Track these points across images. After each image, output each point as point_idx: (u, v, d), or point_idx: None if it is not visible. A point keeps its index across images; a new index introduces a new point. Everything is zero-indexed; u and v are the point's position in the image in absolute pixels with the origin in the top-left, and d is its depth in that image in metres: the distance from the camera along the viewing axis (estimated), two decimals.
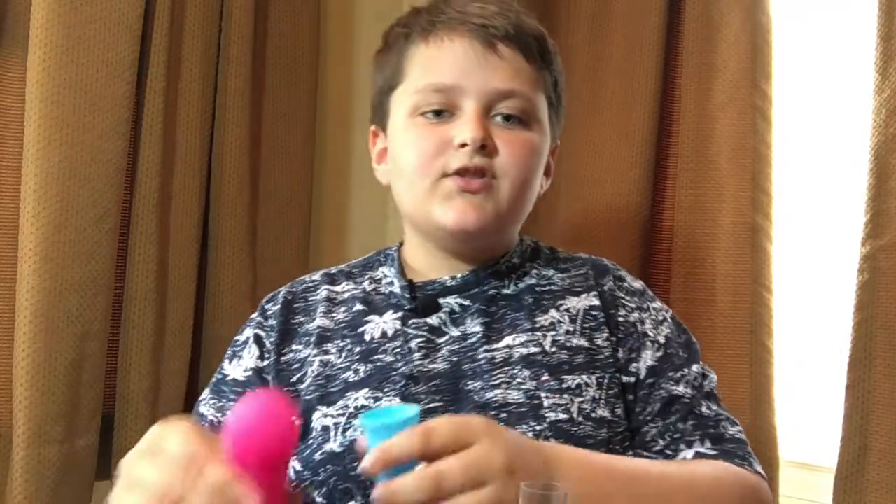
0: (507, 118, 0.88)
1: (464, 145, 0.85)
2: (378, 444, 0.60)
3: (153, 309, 1.38)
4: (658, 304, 0.95)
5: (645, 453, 0.86)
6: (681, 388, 0.87)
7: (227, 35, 1.48)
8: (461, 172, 0.85)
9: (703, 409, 0.88)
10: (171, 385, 1.42)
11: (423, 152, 0.87)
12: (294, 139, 1.61)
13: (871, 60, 1.14)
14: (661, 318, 0.93)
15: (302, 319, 0.94)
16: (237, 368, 0.93)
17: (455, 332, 0.88)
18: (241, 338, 0.95)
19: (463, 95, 0.87)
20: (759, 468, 0.87)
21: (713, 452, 0.85)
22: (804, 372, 1.34)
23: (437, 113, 0.88)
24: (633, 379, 0.87)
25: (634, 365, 0.88)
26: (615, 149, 1.40)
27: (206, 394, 0.94)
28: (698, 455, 0.85)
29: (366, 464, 0.61)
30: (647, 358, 0.88)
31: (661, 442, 0.86)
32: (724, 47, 1.32)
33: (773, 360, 1.27)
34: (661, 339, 0.90)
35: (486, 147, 0.86)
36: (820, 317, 1.34)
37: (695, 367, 0.90)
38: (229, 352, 0.95)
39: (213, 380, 0.95)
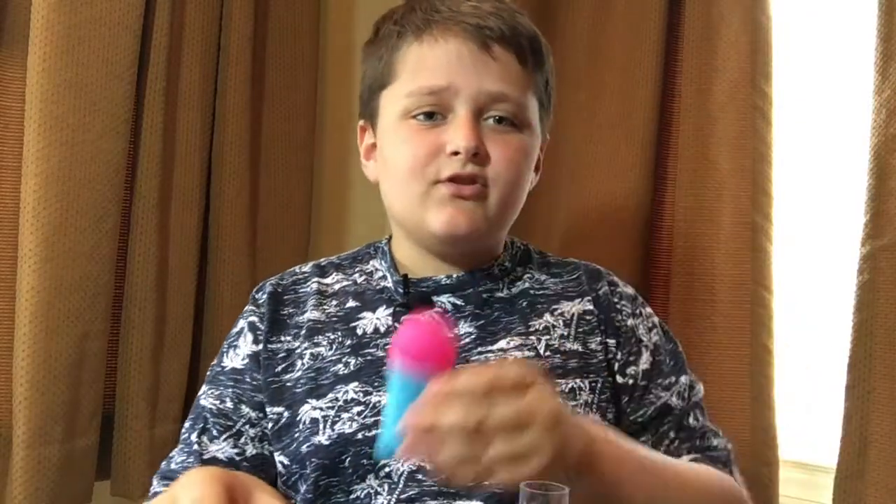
0: (499, 121, 0.88)
1: (456, 153, 0.84)
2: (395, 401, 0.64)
3: (153, 309, 1.38)
4: (649, 310, 0.97)
5: None
6: (673, 400, 0.90)
7: (227, 35, 1.48)
8: (453, 179, 0.85)
9: (691, 419, 0.90)
10: (171, 385, 1.42)
11: (414, 157, 0.86)
12: (294, 139, 1.61)
13: (871, 60, 1.14)
14: (650, 324, 0.95)
15: (291, 311, 0.94)
16: (235, 358, 0.93)
17: None
18: (236, 329, 0.96)
19: (455, 97, 0.86)
20: (740, 478, 0.90)
21: (699, 457, 0.88)
22: (804, 372, 1.34)
23: (429, 115, 0.87)
24: (630, 381, 0.89)
25: (633, 368, 0.90)
26: (615, 149, 1.40)
27: (204, 388, 0.94)
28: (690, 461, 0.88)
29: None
30: (643, 362, 0.91)
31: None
32: (724, 47, 1.32)
33: (773, 360, 1.26)
34: (651, 346, 0.92)
35: (478, 155, 0.85)
36: (820, 317, 1.34)
37: (683, 378, 0.92)
38: (225, 345, 0.96)
39: (211, 373, 0.95)
